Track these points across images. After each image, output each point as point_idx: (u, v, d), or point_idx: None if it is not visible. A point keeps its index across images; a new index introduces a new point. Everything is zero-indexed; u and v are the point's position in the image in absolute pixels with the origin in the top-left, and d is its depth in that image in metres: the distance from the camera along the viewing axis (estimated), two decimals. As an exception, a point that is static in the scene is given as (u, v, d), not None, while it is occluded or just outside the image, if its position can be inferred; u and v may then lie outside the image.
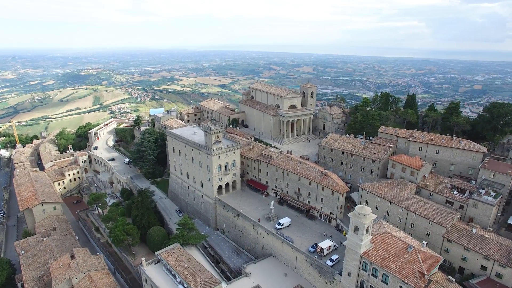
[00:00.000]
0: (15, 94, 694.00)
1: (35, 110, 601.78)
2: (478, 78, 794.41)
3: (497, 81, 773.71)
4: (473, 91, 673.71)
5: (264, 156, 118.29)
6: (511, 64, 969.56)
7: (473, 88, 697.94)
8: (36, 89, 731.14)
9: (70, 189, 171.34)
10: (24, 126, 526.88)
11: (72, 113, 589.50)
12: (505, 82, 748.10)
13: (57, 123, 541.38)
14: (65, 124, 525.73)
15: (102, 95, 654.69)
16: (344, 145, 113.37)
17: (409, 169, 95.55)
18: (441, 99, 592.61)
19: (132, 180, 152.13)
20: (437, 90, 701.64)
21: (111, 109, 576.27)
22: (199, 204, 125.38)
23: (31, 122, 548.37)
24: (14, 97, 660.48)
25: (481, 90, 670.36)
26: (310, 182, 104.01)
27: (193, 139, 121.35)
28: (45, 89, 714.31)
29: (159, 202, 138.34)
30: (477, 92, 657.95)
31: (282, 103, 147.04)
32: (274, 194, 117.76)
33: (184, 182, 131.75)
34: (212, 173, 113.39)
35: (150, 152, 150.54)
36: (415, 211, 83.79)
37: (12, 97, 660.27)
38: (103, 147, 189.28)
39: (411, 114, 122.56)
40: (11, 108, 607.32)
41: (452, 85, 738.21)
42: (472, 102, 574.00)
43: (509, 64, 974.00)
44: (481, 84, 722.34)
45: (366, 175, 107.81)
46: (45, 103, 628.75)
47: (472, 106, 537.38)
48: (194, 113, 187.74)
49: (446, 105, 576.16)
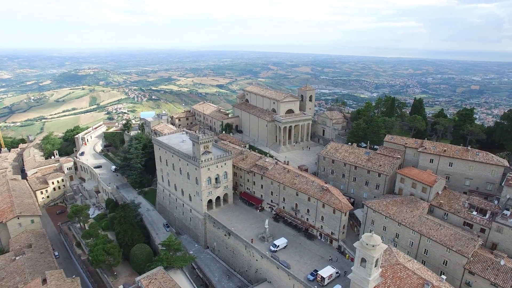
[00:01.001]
0: (11, 94, 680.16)
1: (31, 111, 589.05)
2: (475, 78, 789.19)
3: (494, 81, 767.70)
4: (471, 91, 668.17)
5: (258, 167, 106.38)
6: (508, 65, 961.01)
7: (470, 88, 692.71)
8: (33, 89, 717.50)
9: (54, 198, 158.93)
10: (19, 127, 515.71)
11: (68, 113, 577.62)
12: (502, 83, 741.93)
13: (53, 123, 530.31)
14: (61, 125, 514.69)
15: (98, 95, 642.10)
16: (346, 156, 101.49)
17: (420, 184, 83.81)
18: (439, 99, 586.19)
19: (118, 190, 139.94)
20: (435, 90, 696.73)
21: (108, 110, 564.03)
22: (187, 219, 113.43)
23: (27, 123, 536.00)
24: (10, 97, 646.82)
25: (478, 90, 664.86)
26: (309, 198, 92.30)
27: (180, 148, 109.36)
28: (42, 89, 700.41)
29: (145, 215, 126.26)
30: (474, 92, 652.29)
31: (279, 107, 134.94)
32: (270, 209, 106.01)
33: (172, 194, 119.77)
34: (201, 187, 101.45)
35: (137, 160, 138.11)
36: (430, 236, 72.08)
37: (8, 97, 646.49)
38: (90, 153, 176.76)
39: (420, 121, 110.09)
40: (6, 108, 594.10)
41: (450, 85, 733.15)
42: (470, 102, 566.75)
43: (506, 65, 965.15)
44: (479, 84, 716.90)
45: (371, 189, 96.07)
46: (41, 103, 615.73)
47: (470, 107, 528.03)
48: (186, 117, 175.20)
49: (444, 106, 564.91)
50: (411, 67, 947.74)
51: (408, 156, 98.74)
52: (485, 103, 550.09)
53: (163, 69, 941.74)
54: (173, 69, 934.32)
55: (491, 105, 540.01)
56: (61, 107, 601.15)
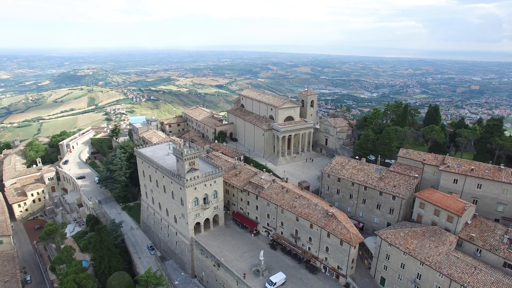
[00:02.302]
0: (9, 94, 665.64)
1: (28, 111, 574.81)
2: (475, 79, 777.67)
3: (494, 81, 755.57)
4: (471, 91, 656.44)
5: (252, 185, 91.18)
6: (508, 65, 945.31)
7: (470, 88, 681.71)
8: (31, 89, 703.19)
9: (33, 211, 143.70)
10: (16, 128, 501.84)
11: (66, 114, 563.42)
12: (502, 83, 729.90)
13: (50, 124, 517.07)
14: (58, 126, 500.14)
15: (97, 96, 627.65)
16: (354, 174, 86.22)
17: (445, 212, 68.62)
18: (439, 100, 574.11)
19: (100, 205, 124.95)
20: (435, 90, 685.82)
21: (106, 110, 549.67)
22: (173, 242, 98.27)
23: (24, 124, 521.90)
24: (8, 97, 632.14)
25: (478, 91, 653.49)
26: (312, 225, 77.22)
27: (165, 162, 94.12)
28: (40, 90, 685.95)
29: (128, 235, 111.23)
30: (475, 93, 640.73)
31: (277, 114, 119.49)
32: (266, 233, 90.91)
33: (156, 213, 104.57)
34: (186, 208, 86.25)
35: (121, 173, 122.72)
36: (463, 283, 56.96)
37: (6, 97, 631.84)
38: (75, 161, 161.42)
39: (438, 133, 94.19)
40: (4, 109, 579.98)
41: (450, 85, 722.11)
42: (470, 102, 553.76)
43: (506, 65, 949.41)
44: (479, 85, 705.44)
45: (384, 214, 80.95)
46: (39, 103, 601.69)
47: (471, 107, 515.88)
48: (177, 123, 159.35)
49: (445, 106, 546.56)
50: (411, 67, 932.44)
51: (426, 175, 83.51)
52: (486, 103, 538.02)
53: (162, 69, 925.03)
54: (173, 69, 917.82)
55: (492, 105, 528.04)
56: (59, 107, 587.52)
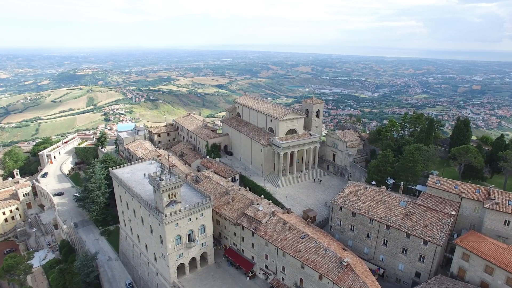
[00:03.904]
0: (8, 94, 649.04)
1: (27, 111, 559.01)
2: (476, 78, 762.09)
3: (495, 81, 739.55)
4: (472, 91, 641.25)
5: (248, 218, 73.41)
6: (509, 64, 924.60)
7: (472, 88, 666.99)
8: (31, 89, 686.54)
9: (5, 231, 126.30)
10: (14, 128, 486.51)
11: (65, 114, 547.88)
12: (503, 82, 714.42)
13: (48, 124, 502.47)
14: (57, 126, 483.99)
15: (96, 96, 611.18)
16: (372, 207, 68.31)
17: (502, 272, 50.86)
18: (440, 100, 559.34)
19: (76, 229, 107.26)
20: (436, 90, 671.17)
21: (105, 111, 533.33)
22: (153, 283, 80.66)
23: (22, 124, 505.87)
24: (6, 97, 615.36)
25: (480, 90, 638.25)
26: (321, 277, 59.63)
27: (143, 188, 76.35)
28: (40, 89, 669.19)
29: (104, 268, 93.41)
30: (476, 92, 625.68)
31: (277, 127, 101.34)
32: (264, 276, 73.35)
33: (135, 245, 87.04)
34: (166, 248, 68.70)
35: (99, 193, 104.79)
36: None
37: (4, 97, 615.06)
38: (55, 174, 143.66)
39: (475, 155, 74.86)
40: (2, 109, 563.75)
41: (451, 85, 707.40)
42: (472, 102, 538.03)
43: (507, 64, 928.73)
44: (480, 84, 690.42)
45: (412, 260, 63.12)
46: (38, 103, 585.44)
47: (473, 107, 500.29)
48: (167, 132, 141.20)
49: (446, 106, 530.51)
50: (412, 67, 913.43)
51: (465, 211, 65.53)
52: (488, 104, 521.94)
53: (162, 68, 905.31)
54: (173, 68, 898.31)
55: (494, 105, 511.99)
56: (58, 107, 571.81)
